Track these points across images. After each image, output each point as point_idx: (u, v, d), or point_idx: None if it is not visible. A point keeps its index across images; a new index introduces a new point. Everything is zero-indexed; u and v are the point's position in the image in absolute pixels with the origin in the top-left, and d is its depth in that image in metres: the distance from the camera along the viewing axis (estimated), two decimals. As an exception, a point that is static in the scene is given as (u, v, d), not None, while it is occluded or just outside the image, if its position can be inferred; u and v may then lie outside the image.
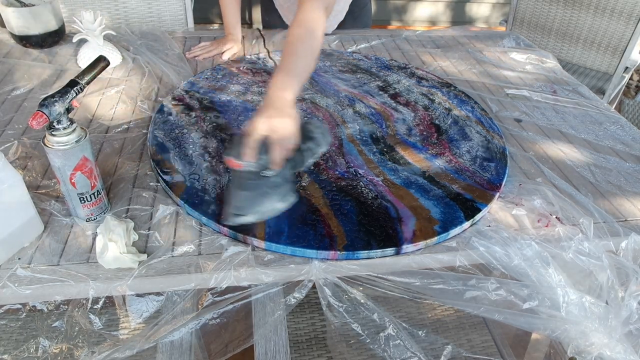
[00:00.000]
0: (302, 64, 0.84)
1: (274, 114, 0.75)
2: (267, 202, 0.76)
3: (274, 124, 0.74)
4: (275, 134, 0.73)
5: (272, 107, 0.76)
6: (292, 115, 0.76)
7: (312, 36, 0.86)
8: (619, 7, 1.81)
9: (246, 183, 0.75)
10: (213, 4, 3.25)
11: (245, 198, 0.75)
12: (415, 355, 0.78)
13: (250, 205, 0.75)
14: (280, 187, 0.77)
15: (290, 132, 0.75)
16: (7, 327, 1.07)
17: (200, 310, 0.76)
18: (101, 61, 0.77)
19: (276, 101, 0.78)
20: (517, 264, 0.77)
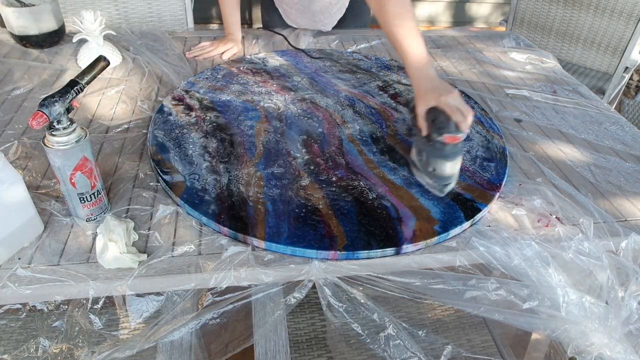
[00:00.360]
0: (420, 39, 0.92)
1: (448, 89, 0.85)
2: (459, 165, 0.85)
3: (456, 97, 0.84)
4: (462, 105, 0.83)
5: (438, 86, 0.87)
6: (453, 86, 0.88)
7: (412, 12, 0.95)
8: (619, 7, 1.81)
9: (450, 154, 0.83)
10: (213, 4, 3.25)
11: (451, 167, 0.83)
12: (415, 355, 0.78)
13: (454, 171, 0.85)
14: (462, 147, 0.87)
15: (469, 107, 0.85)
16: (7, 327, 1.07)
17: (200, 310, 0.76)
18: (101, 61, 0.77)
19: (435, 79, 0.89)
20: (517, 264, 0.77)
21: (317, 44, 1.45)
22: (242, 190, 0.85)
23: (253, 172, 0.90)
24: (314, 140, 1.00)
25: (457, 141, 0.82)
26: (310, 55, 1.34)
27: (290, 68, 1.28)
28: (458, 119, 0.81)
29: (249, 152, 0.95)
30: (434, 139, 0.83)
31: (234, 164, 0.91)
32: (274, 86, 1.19)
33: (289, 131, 1.02)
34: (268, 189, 0.86)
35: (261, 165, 0.92)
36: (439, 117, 0.82)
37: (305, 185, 0.87)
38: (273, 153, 0.95)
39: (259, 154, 0.94)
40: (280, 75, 1.24)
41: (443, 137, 0.81)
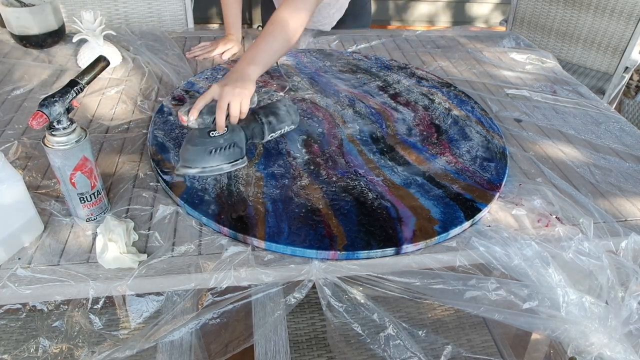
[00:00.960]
0: (276, 46, 0.93)
1: (229, 82, 0.84)
2: (211, 161, 0.84)
3: (226, 90, 0.82)
4: (222, 100, 0.82)
5: (232, 77, 0.85)
6: (247, 88, 0.85)
7: (290, 24, 0.94)
8: (619, 7, 1.81)
9: (195, 139, 0.84)
10: (213, 3, 3.25)
11: (192, 152, 0.84)
12: (415, 355, 0.78)
13: (196, 160, 0.84)
14: (227, 149, 0.85)
15: (239, 102, 0.83)
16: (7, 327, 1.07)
17: (200, 310, 0.76)
18: (101, 61, 0.77)
19: (238, 72, 0.87)
20: (517, 264, 0.76)
21: (317, 44, 1.45)
22: (242, 190, 0.85)
23: (253, 172, 0.90)
24: (314, 140, 1.00)
25: (183, 122, 0.82)
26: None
27: (290, 68, 1.28)
28: (195, 105, 0.82)
29: (249, 152, 0.95)
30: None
31: (234, 164, 0.91)
32: (274, 86, 1.19)
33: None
34: (268, 189, 0.86)
35: (261, 165, 0.92)
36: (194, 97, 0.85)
37: (305, 185, 0.87)
38: (273, 153, 0.95)
39: (259, 154, 0.94)
40: (280, 75, 1.24)
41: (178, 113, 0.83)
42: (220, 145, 0.84)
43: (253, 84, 0.87)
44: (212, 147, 0.84)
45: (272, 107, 0.93)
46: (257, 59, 0.90)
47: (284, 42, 0.94)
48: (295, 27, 0.95)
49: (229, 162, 0.86)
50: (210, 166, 0.85)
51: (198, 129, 0.83)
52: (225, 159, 0.85)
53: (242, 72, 0.87)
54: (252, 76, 0.88)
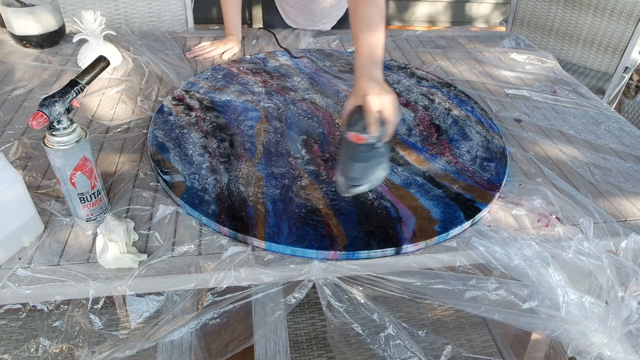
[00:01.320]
0: (380, 43, 0.91)
1: (381, 91, 0.81)
2: (376, 171, 0.81)
3: (385, 100, 0.80)
4: (386, 110, 0.80)
5: (377, 85, 0.82)
6: (391, 92, 0.83)
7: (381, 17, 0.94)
8: (619, 7, 1.81)
9: (361, 155, 0.79)
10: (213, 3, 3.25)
11: (360, 169, 0.79)
12: (415, 355, 0.78)
13: (365, 175, 0.80)
14: (386, 156, 0.82)
15: (396, 106, 0.82)
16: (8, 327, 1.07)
17: (200, 310, 0.76)
18: (101, 61, 0.77)
19: (376, 80, 0.84)
20: (517, 264, 0.77)
21: (317, 44, 1.45)
22: (242, 190, 0.85)
23: (253, 172, 0.90)
24: (314, 140, 1.00)
25: (362, 141, 0.78)
26: (292, 55, 1.33)
27: (290, 68, 1.28)
28: (369, 120, 0.78)
29: (249, 152, 0.95)
30: (344, 135, 0.80)
31: (234, 164, 0.91)
32: (274, 86, 1.19)
33: (289, 131, 1.02)
34: (268, 189, 0.86)
35: (261, 165, 0.92)
36: (355, 114, 0.80)
37: (305, 185, 0.87)
38: (273, 153, 0.95)
39: (259, 154, 0.94)
40: (280, 75, 1.24)
41: (348, 134, 0.79)
42: (383, 154, 0.81)
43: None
44: (380, 158, 0.81)
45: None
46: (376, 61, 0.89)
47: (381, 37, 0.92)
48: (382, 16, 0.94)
49: (385, 169, 0.82)
50: (375, 177, 0.81)
51: (344, 137, 0.80)
52: (384, 166, 0.82)
53: (378, 79, 0.85)
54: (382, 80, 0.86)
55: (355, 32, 0.93)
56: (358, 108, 0.81)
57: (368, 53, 0.89)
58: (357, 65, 0.89)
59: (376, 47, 0.90)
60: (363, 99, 0.80)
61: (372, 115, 0.78)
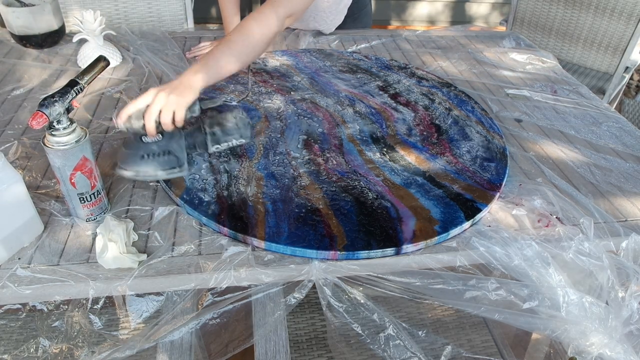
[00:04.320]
0: (233, 56, 0.88)
1: (167, 88, 0.79)
2: (144, 166, 0.80)
3: (160, 96, 0.77)
4: (153, 105, 0.76)
5: (173, 83, 0.80)
6: (185, 96, 0.79)
7: (249, 39, 0.90)
8: (619, 7, 1.81)
9: (129, 142, 0.80)
10: (213, 3, 3.25)
11: (126, 155, 0.80)
12: (415, 355, 0.78)
13: (129, 163, 0.80)
14: (160, 157, 0.80)
15: (173, 109, 0.78)
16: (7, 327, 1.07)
17: (200, 310, 0.76)
18: (101, 61, 0.77)
19: (182, 79, 0.81)
20: (517, 264, 0.76)
21: (317, 44, 1.45)
22: (242, 190, 0.85)
23: (253, 172, 0.89)
24: (314, 140, 1.00)
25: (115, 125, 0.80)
26: (276, 56, 1.33)
27: (290, 68, 1.28)
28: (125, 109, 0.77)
29: (249, 152, 0.95)
30: None
31: (234, 164, 0.91)
32: (274, 86, 1.19)
33: (289, 131, 1.02)
34: (268, 189, 0.86)
35: (261, 165, 0.92)
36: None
37: (305, 185, 0.87)
38: (273, 153, 0.95)
39: (259, 154, 0.94)
40: (280, 75, 1.24)
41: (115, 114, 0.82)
42: (152, 152, 0.80)
43: (194, 93, 0.81)
44: (143, 152, 0.80)
45: (220, 118, 0.86)
46: (206, 67, 0.85)
47: (244, 53, 0.89)
48: (260, 38, 0.90)
49: (164, 170, 0.81)
50: (144, 171, 0.80)
51: (133, 133, 0.79)
52: (159, 166, 0.81)
53: (185, 80, 0.82)
54: (195, 85, 0.82)
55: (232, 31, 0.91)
56: None
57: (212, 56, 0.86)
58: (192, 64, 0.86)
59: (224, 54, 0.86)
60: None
61: (131, 104, 0.77)
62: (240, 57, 0.89)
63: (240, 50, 0.89)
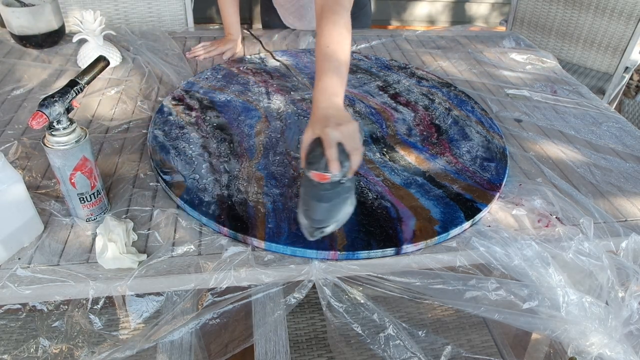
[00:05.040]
0: (344, 67, 0.83)
1: (339, 121, 0.73)
2: (344, 209, 0.74)
3: (344, 131, 0.71)
4: (349, 141, 0.71)
5: (334, 115, 0.74)
6: (352, 120, 0.74)
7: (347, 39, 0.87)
8: (619, 7, 1.81)
9: (326, 194, 0.72)
10: (213, 3, 3.25)
11: (326, 209, 0.72)
12: (415, 355, 0.78)
13: (331, 215, 0.73)
14: (352, 190, 0.75)
15: (358, 136, 0.73)
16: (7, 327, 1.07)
17: (200, 310, 0.76)
18: (101, 61, 0.77)
19: (334, 108, 0.76)
20: (517, 264, 0.76)
21: (317, 44, 1.45)
22: (242, 190, 0.85)
23: (253, 172, 0.89)
24: (314, 140, 1.00)
25: (325, 180, 0.70)
26: (276, 57, 1.33)
27: (290, 68, 1.28)
28: (329, 157, 0.69)
29: (249, 152, 0.95)
30: (306, 173, 0.72)
31: (234, 164, 0.91)
32: (274, 86, 1.19)
33: (289, 131, 1.02)
34: (268, 189, 0.86)
35: (261, 165, 0.92)
36: (315, 149, 0.71)
37: (305, 185, 0.87)
38: (273, 153, 0.95)
39: (259, 154, 0.94)
40: (280, 75, 1.24)
41: (310, 172, 0.70)
42: (349, 189, 0.74)
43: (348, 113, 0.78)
44: (345, 194, 0.73)
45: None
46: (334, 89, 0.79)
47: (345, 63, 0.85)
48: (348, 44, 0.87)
49: (352, 204, 0.75)
50: (343, 215, 0.74)
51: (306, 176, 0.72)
52: (351, 202, 0.75)
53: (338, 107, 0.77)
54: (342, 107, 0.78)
55: (318, 51, 0.84)
56: (317, 141, 0.72)
57: (328, 78, 0.80)
58: (315, 90, 0.79)
59: (338, 70, 0.82)
60: (322, 132, 0.71)
61: (332, 151, 0.70)
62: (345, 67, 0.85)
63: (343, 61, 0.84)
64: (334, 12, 0.87)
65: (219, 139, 0.98)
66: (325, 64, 0.82)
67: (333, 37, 0.85)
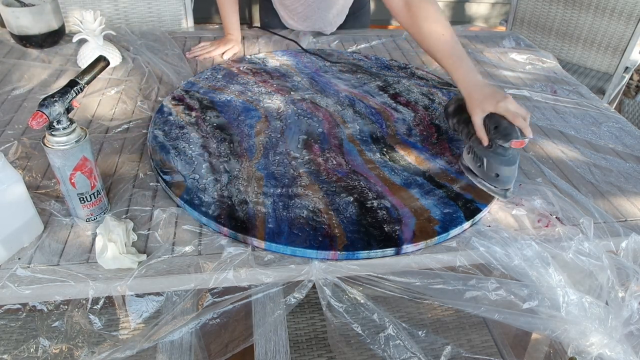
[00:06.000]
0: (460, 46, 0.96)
1: (500, 95, 0.86)
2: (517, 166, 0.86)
3: (509, 101, 0.85)
4: (519, 108, 0.85)
5: (492, 91, 0.88)
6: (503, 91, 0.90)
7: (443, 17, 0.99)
8: (619, 7, 1.81)
9: (513, 158, 0.84)
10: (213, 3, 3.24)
11: (513, 170, 0.84)
12: (415, 355, 0.78)
13: (515, 175, 0.85)
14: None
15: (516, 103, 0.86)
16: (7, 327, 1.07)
17: (200, 310, 0.76)
18: (101, 61, 0.77)
19: (486, 85, 0.90)
20: (517, 264, 0.76)
21: (317, 44, 1.45)
22: (242, 190, 0.85)
23: (253, 172, 0.89)
24: (314, 140, 1.00)
25: (523, 145, 0.83)
26: (310, 52, 1.34)
27: (290, 68, 1.28)
28: (521, 124, 0.82)
29: (249, 152, 0.95)
30: (498, 145, 0.83)
31: (234, 164, 0.91)
32: (274, 86, 1.19)
33: (289, 131, 1.02)
34: (268, 189, 0.86)
35: (261, 165, 0.92)
36: (501, 123, 0.84)
37: (305, 185, 0.87)
38: (273, 153, 0.95)
39: (259, 154, 0.94)
40: (280, 75, 1.24)
41: (510, 143, 0.82)
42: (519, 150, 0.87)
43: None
44: (519, 155, 0.87)
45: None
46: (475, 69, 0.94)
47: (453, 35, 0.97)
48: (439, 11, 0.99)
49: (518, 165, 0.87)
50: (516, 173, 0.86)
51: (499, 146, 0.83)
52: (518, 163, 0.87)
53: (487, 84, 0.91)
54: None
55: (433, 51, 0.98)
56: (491, 117, 0.85)
57: (462, 64, 0.93)
58: (460, 74, 0.93)
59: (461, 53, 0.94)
60: (496, 108, 0.84)
61: (521, 119, 0.83)
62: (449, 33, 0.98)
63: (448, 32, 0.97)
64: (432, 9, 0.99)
65: (219, 139, 0.98)
66: (454, 50, 0.96)
67: (441, 25, 0.98)
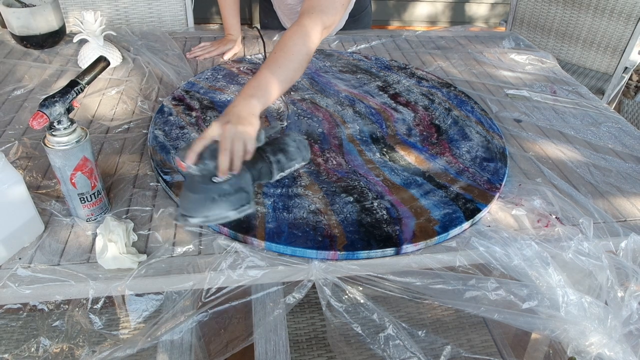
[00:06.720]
0: (282, 75, 0.82)
1: (231, 120, 0.73)
2: (215, 209, 0.72)
3: (228, 130, 0.71)
4: (225, 140, 0.70)
5: (233, 114, 0.74)
6: (252, 124, 0.74)
7: (299, 52, 0.84)
8: (618, 7, 1.81)
9: (196, 186, 0.72)
10: (213, 3, 3.25)
11: (194, 201, 0.72)
12: (414, 355, 0.78)
13: (198, 209, 0.72)
14: (232, 195, 0.73)
15: (243, 141, 0.72)
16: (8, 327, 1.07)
17: (200, 309, 0.76)
18: (101, 61, 0.77)
19: (239, 108, 0.75)
20: (516, 264, 0.77)
21: (317, 44, 1.45)
22: (242, 190, 0.85)
23: (253, 172, 0.90)
24: (314, 140, 1.00)
25: (182, 168, 0.71)
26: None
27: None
28: (192, 147, 0.70)
29: (249, 152, 0.95)
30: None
31: (234, 164, 0.91)
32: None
33: (289, 131, 1.02)
34: (268, 189, 0.86)
35: (261, 165, 0.92)
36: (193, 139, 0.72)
37: (305, 185, 0.87)
38: (273, 153, 0.95)
39: (259, 154, 0.94)
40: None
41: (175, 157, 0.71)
42: (224, 192, 0.72)
43: (257, 120, 0.75)
44: (215, 194, 0.72)
45: (280, 144, 0.79)
46: (260, 91, 0.79)
47: (291, 71, 0.83)
48: (307, 53, 0.85)
49: (235, 209, 0.73)
50: (216, 214, 0.73)
51: (201, 175, 0.72)
52: (230, 206, 0.73)
53: (244, 109, 0.75)
54: (255, 110, 0.76)
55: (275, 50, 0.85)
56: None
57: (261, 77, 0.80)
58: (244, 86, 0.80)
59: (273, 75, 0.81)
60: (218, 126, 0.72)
61: (198, 142, 0.71)
62: (288, 75, 0.84)
63: (288, 68, 0.83)
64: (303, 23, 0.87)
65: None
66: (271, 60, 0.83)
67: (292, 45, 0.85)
